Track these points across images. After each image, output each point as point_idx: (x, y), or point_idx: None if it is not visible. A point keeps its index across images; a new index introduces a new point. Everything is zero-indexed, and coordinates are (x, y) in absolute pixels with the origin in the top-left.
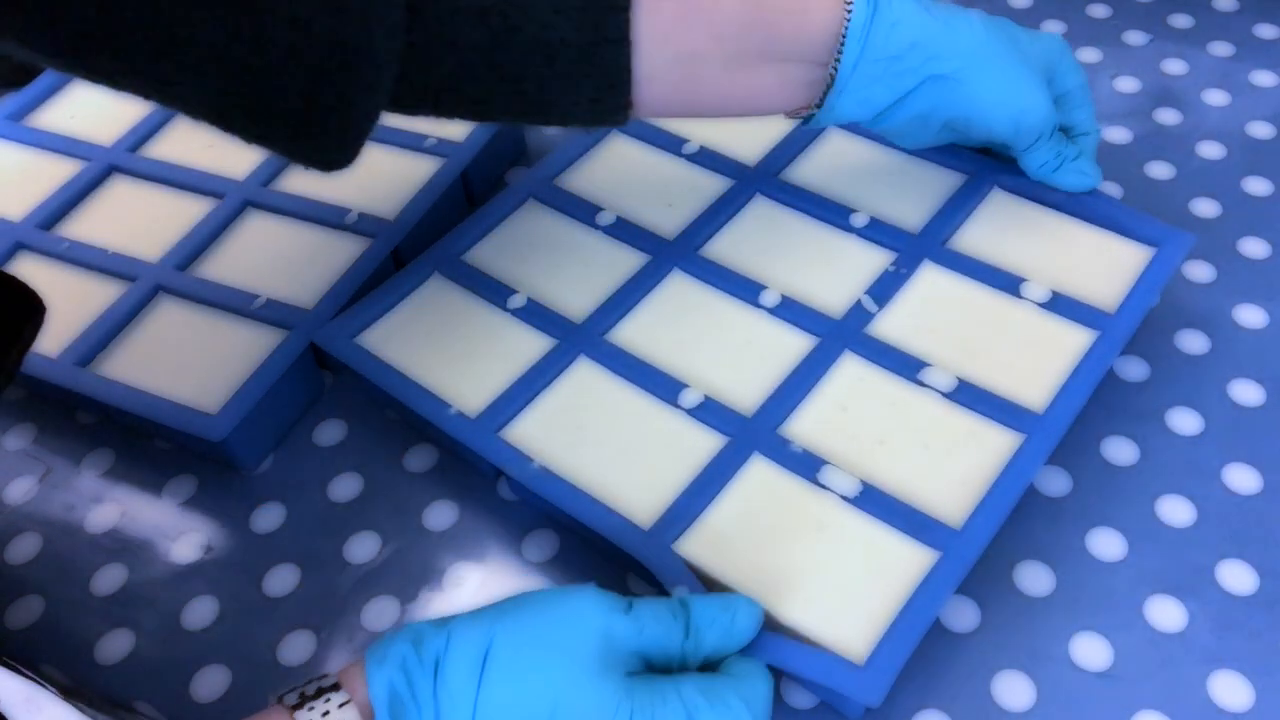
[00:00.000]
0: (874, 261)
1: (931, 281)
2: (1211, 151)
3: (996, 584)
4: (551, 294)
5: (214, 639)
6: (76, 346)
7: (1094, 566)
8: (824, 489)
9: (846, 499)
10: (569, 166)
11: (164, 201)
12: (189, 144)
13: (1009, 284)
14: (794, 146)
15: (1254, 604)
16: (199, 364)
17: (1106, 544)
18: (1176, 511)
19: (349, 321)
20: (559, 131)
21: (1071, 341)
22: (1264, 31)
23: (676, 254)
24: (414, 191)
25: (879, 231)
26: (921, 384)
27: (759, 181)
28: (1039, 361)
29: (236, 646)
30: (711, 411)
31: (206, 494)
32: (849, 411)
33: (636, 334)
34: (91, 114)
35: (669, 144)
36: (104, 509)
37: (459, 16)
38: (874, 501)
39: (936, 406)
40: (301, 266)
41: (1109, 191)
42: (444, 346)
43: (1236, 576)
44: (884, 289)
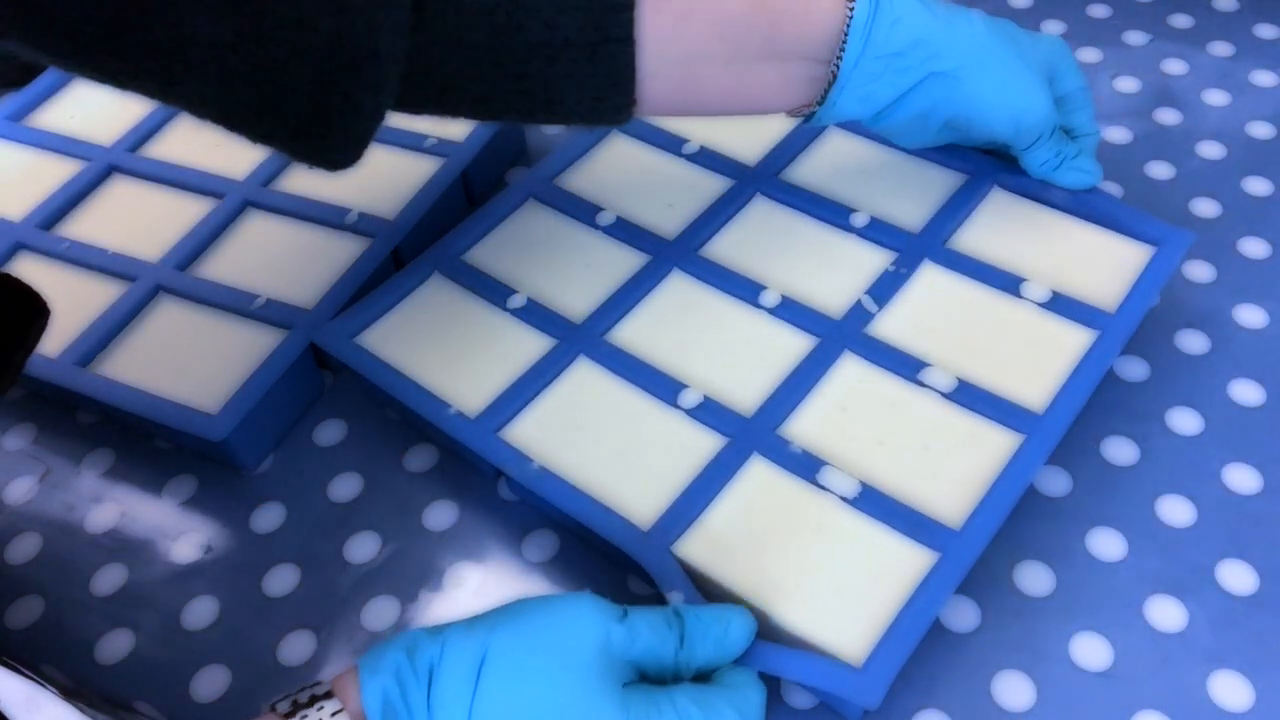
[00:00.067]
0: (874, 261)
1: (931, 281)
2: (1211, 151)
3: (996, 584)
4: (551, 294)
5: (214, 639)
6: (76, 346)
7: (1094, 566)
8: (823, 490)
9: (846, 500)
10: (569, 166)
11: (164, 201)
12: (189, 144)
13: (1009, 284)
14: (794, 146)
15: (1254, 604)
16: (199, 364)
17: (1106, 544)
18: (1176, 511)
19: (349, 321)
20: (559, 131)
21: (1071, 341)
22: (1264, 31)
23: (676, 254)
24: (414, 191)
25: (879, 231)
26: (921, 384)
27: (759, 181)
28: (1039, 361)
29: (236, 646)
30: (711, 412)
31: (206, 494)
32: (849, 412)
33: (636, 334)
34: (91, 114)
35: (669, 144)
36: (104, 509)
37: (463, 16)
38: (873, 502)
39: (936, 407)
40: (301, 266)
41: (1109, 191)
42: (444, 346)
43: (1236, 576)
44: (884, 289)
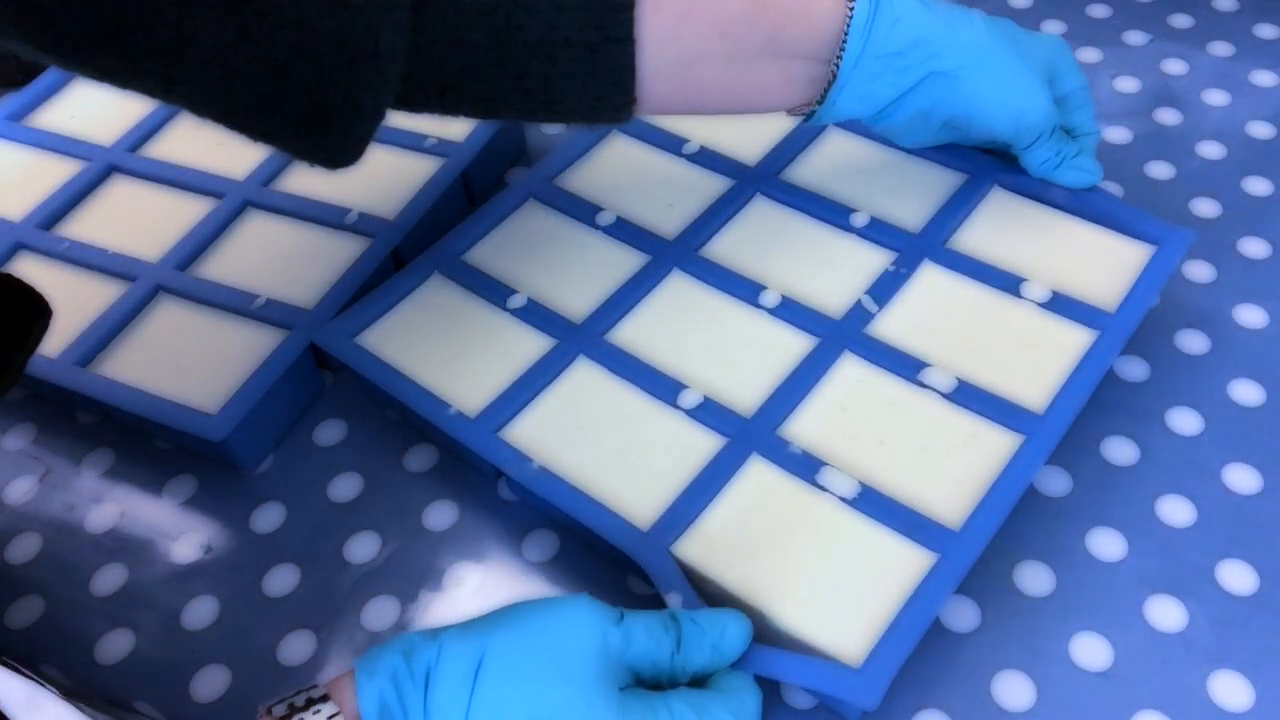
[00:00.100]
0: (874, 261)
1: (931, 281)
2: (1211, 151)
3: (996, 584)
4: (551, 294)
5: (214, 639)
6: (76, 346)
7: (1094, 566)
8: (823, 490)
9: (845, 500)
10: (569, 166)
11: (164, 201)
12: (189, 144)
13: (1009, 284)
14: (794, 146)
15: (1254, 604)
16: (199, 364)
17: (1106, 544)
18: (1176, 511)
19: (349, 321)
20: (559, 131)
21: (1071, 341)
22: (1264, 31)
23: (676, 254)
24: (414, 191)
25: (879, 231)
26: (921, 384)
27: (759, 181)
28: (1039, 361)
29: (236, 646)
30: (711, 412)
31: (206, 494)
32: (849, 412)
33: (636, 334)
34: (91, 114)
35: (669, 144)
36: (104, 509)
37: (463, 16)
38: (873, 503)
39: (936, 407)
40: (301, 266)
41: (1109, 191)
42: (444, 346)
43: (1236, 576)
44: (884, 289)
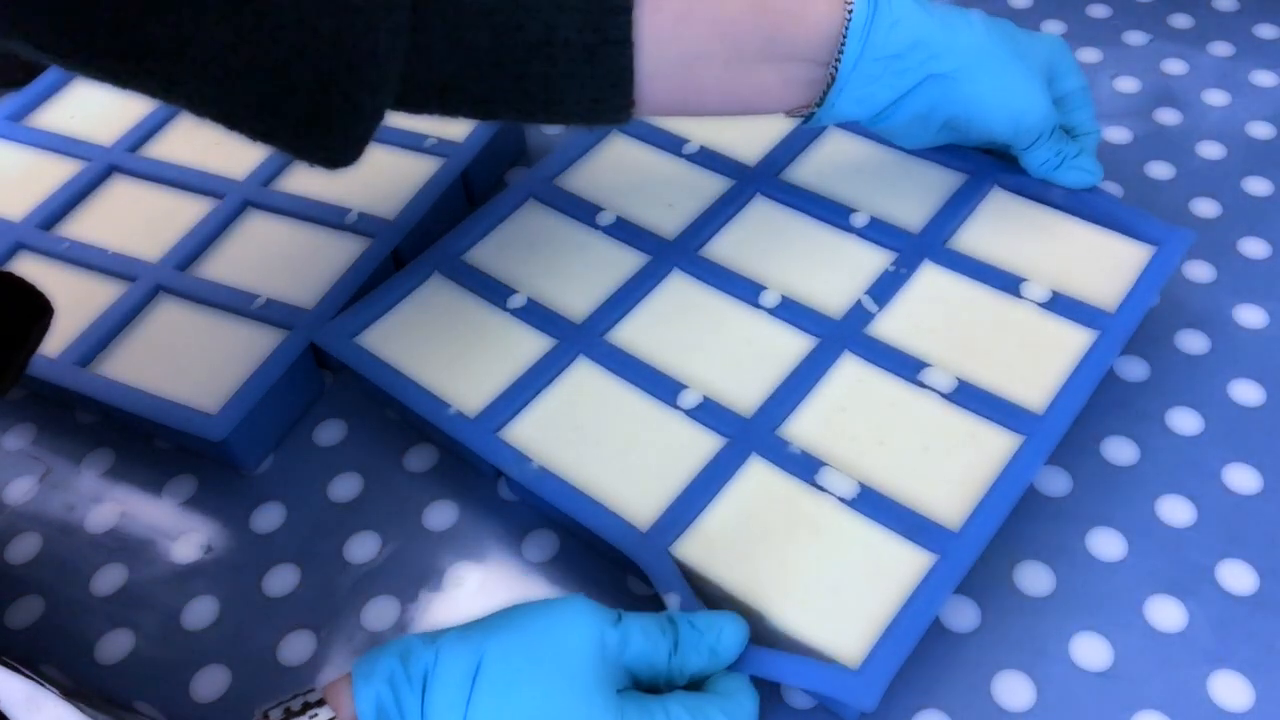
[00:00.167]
0: (874, 261)
1: (931, 281)
2: (1211, 151)
3: (996, 584)
4: (551, 294)
5: (214, 639)
6: (76, 346)
7: (1094, 566)
8: (822, 491)
9: (844, 501)
10: (569, 166)
11: (164, 201)
12: (189, 144)
13: (1009, 284)
14: (794, 146)
15: (1254, 604)
16: (199, 364)
17: (1106, 544)
18: (1176, 511)
19: (349, 321)
20: (559, 131)
21: (1071, 341)
22: (1264, 31)
23: (676, 254)
24: (414, 191)
25: (879, 231)
26: (921, 384)
27: (759, 181)
28: (1039, 361)
29: (236, 646)
30: (710, 412)
31: (206, 494)
32: (848, 412)
33: (636, 334)
34: (91, 114)
35: (669, 144)
36: (104, 509)
37: (463, 16)
38: (872, 503)
39: (936, 407)
40: (301, 266)
41: (1109, 191)
42: (444, 346)
43: (1236, 576)
44: (884, 289)
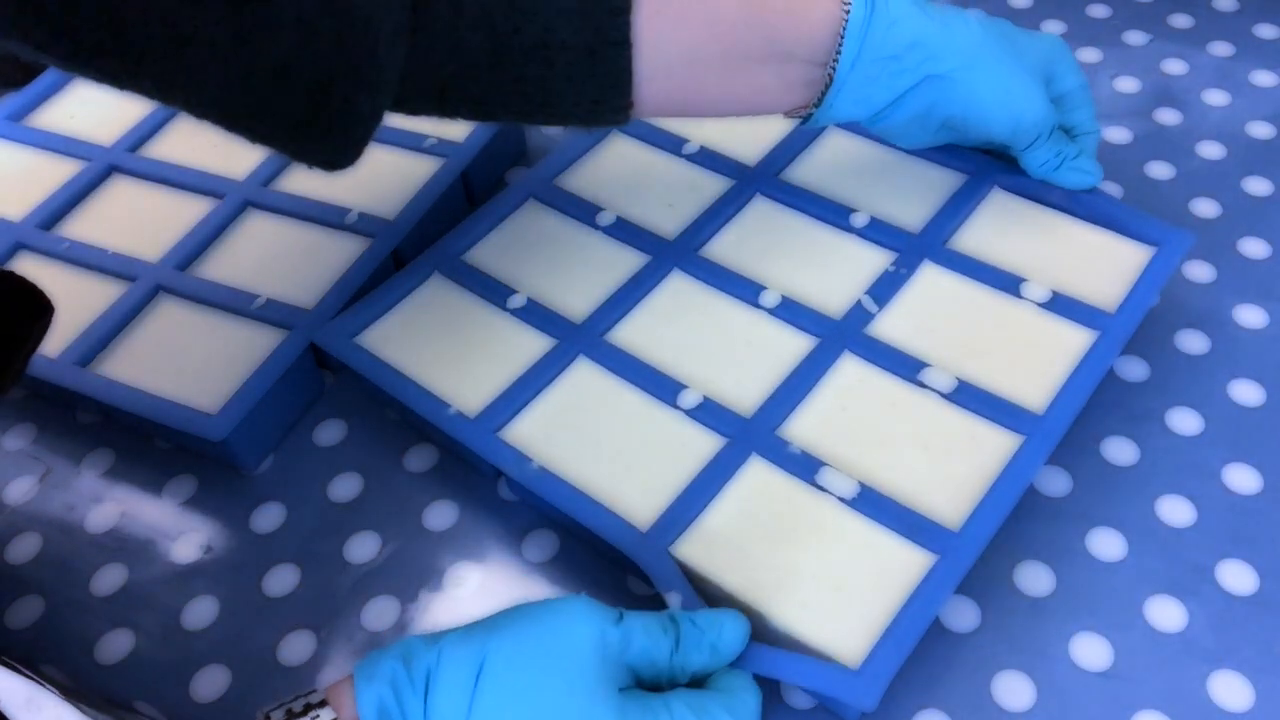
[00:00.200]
0: (874, 261)
1: (931, 281)
2: (1211, 151)
3: (996, 584)
4: (551, 294)
5: (214, 639)
6: (76, 346)
7: (1094, 566)
8: (822, 491)
9: (845, 501)
10: (569, 166)
11: (164, 201)
12: (189, 144)
13: (1009, 284)
14: (794, 146)
15: (1254, 604)
16: (199, 364)
17: (1106, 544)
18: (1176, 511)
19: (349, 321)
20: (559, 131)
21: (1071, 341)
22: (1264, 31)
23: (676, 254)
24: (414, 191)
25: (879, 231)
26: (921, 384)
27: (759, 181)
28: (1039, 361)
29: (236, 646)
30: (710, 412)
31: (206, 494)
32: (848, 412)
33: (636, 334)
34: (91, 114)
35: (669, 144)
36: (104, 509)
37: (461, 18)
38: (872, 503)
39: (936, 407)
40: (301, 266)
41: (1109, 191)
42: (444, 346)
43: (1236, 576)
44: (884, 289)
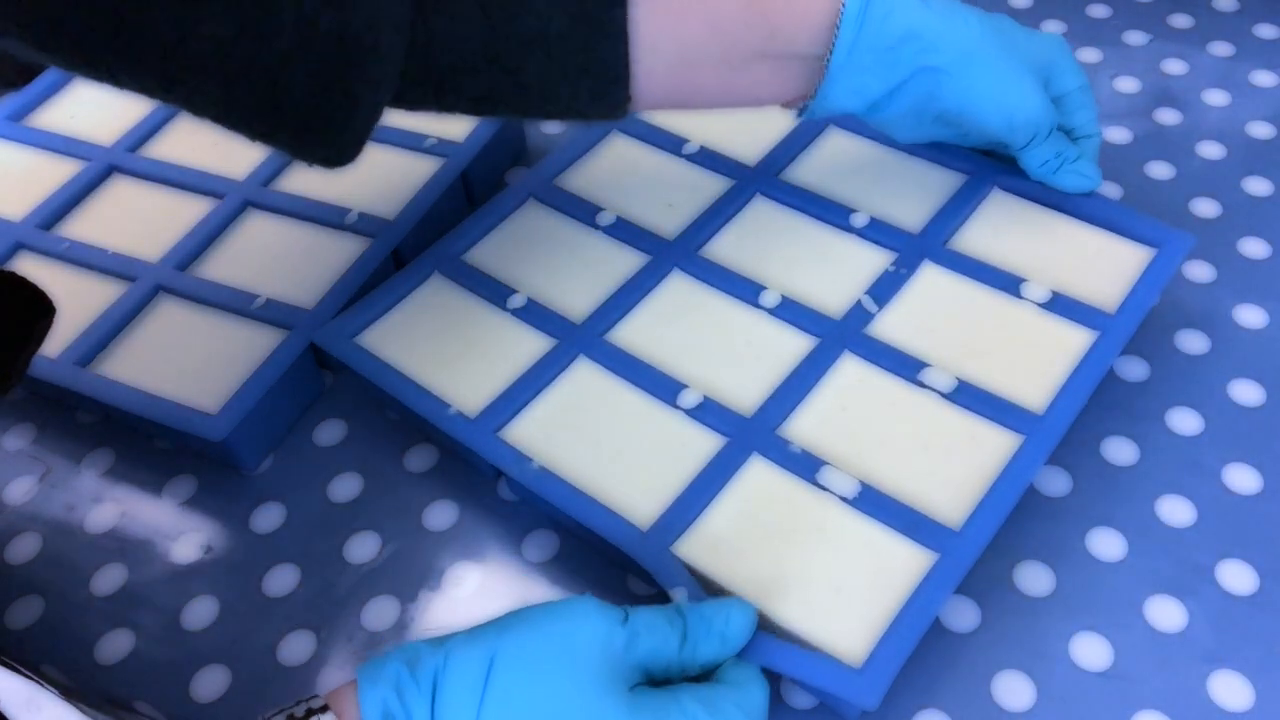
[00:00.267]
0: (874, 261)
1: (931, 281)
2: (1211, 151)
3: (996, 584)
4: (551, 294)
5: (214, 639)
6: (76, 346)
7: (1094, 566)
8: (823, 490)
9: (845, 500)
10: (569, 166)
11: (164, 201)
12: (189, 144)
13: (1009, 284)
14: (794, 146)
15: (1254, 604)
16: (199, 364)
17: (1106, 544)
18: (1176, 511)
19: (349, 321)
20: (559, 131)
21: (1071, 341)
22: (1264, 31)
23: (676, 254)
24: (414, 191)
25: (879, 231)
26: (921, 384)
27: (759, 181)
28: (1039, 361)
29: (236, 646)
30: (711, 412)
31: (206, 494)
32: (849, 412)
33: (636, 334)
34: (91, 114)
35: (669, 144)
36: (104, 509)
37: (459, 12)
38: (873, 502)
39: (936, 407)
40: (301, 266)
41: (1109, 192)
42: (444, 346)
43: (1236, 576)
44: (884, 289)
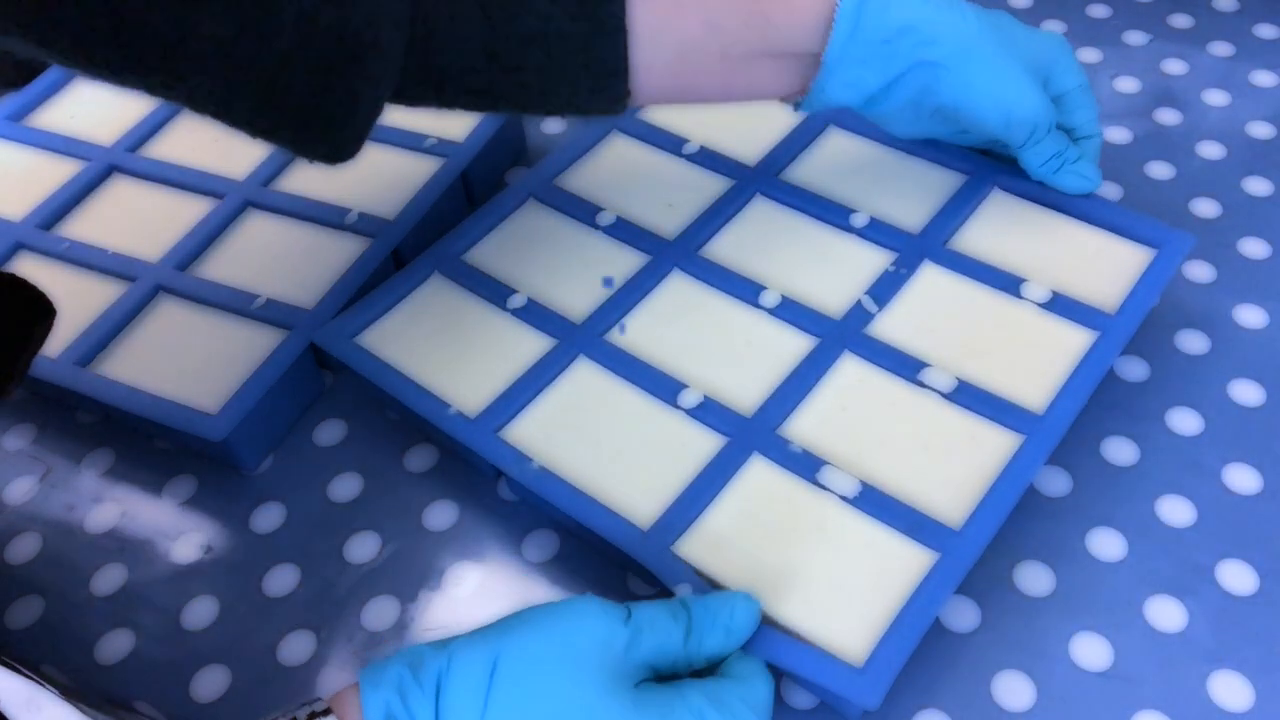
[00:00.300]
0: (874, 261)
1: (931, 281)
2: (1211, 151)
3: (996, 584)
4: (551, 294)
5: (214, 639)
6: (77, 346)
7: (1094, 566)
8: (823, 489)
9: (846, 499)
10: (569, 166)
11: (164, 201)
12: (189, 144)
13: (1009, 284)
14: (794, 146)
15: (1254, 604)
16: (199, 364)
17: (1106, 544)
18: (1176, 511)
19: (349, 321)
20: (559, 131)
21: (1072, 342)
22: (1264, 31)
23: (676, 254)
24: (414, 191)
25: (879, 231)
26: (921, 384)
27: (759, 181)
28: (1039, 361)
29: (236, 646)
30: (711, 412)
31: (206, 494)
32: (849, 412)
33: (636, 334)
34: (91, 114)
35: (669, 144)
36: (104, 509)
37: (460, 8)
38: (873, 502)
39: (936, 407)
40: (301, 266)
41: (1109, 192)
42: (444, 346)
43: (1236, 576)
44: (884, 289)
